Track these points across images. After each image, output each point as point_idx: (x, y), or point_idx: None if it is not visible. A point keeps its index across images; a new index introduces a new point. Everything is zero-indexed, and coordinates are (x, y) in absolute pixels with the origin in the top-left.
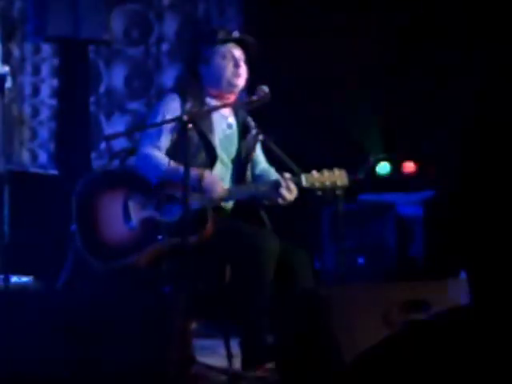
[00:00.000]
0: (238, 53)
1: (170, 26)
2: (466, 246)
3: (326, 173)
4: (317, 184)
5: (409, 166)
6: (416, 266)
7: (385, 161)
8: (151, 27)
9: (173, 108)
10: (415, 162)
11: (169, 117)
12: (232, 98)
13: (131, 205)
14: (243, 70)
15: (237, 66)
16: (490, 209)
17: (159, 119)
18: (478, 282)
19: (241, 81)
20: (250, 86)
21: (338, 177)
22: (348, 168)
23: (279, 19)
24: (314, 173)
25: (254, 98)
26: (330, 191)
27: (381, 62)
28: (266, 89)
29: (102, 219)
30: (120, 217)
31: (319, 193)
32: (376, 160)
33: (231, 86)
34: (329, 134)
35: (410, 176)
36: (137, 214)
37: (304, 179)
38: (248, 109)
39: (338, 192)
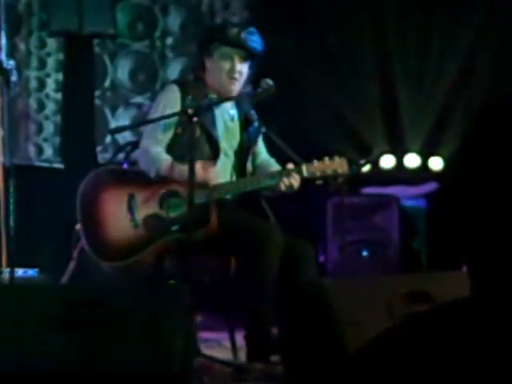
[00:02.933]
0: (238, 55)
1: (175, 19)
2: (466, 239)
3: (326, 161)
4: (318, 173)
5: (412, 159)
6: (419, 259)
7: (389, 154)
8: (156, 21)
9: (173, 100)
10: (420, 155)
11: (169, 109)
12: (237, 91)
13: (135, 202)
14: (238, 76)
15: (232, 70)
16: (491, 201)
17: (160, 112)
18: (479, 275)
19: (234, 86)
20: (255, 78)
21: (338, 165)
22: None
23: (284, 13)
24: (315, 162)
25: (259, 90)
26: (331, 179)
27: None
28: (270, 81)
29: (106, 218)
30: (124, 215)
31: (320, 182)
32: (380, 153)
33: (224, 89)
34: (333, 126)
35: (413, 169)
36: (141, 212)
37: (305, 169)
38: (253, 101)
39: (340, 180)
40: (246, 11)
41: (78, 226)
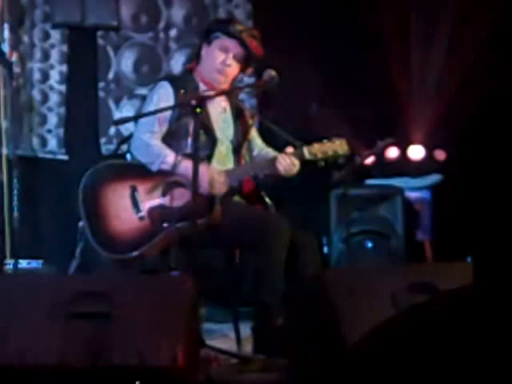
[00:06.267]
0: (235, 50)
1: (179, 12)
2: (472, 231)
3: (326, 143)
4: (319, 155)
5: (416, 151)
6: (423, 250)
7: (393, 145)
8: (160, 13)
9: (166, 95)
10: (424, 146)
11: (163, 104)
12: (226, 85)
13: (138, 194)
14: (229, 70)
15: (224, 63)
16: (496, 193)
17: (154, 106)
18: (483, 266)
19: (221, 78)
20: (258, 69)
21: (338, 146)
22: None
23: (288, 5)
24: (315, 144)
25: (261, 81)
26: (332, 161)
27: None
28: (272, 72)
29: (110, 213)
30: (128, 208)
31: (322, 163)
32: (384, 144)
33: (213, 79)
34: (336, 117)
35: (417, 161)
36: (145, 203)
37: (306, 151)
38: (255, 92)
39: (341, 161)
40: (249, 4)
41: (81, 223)
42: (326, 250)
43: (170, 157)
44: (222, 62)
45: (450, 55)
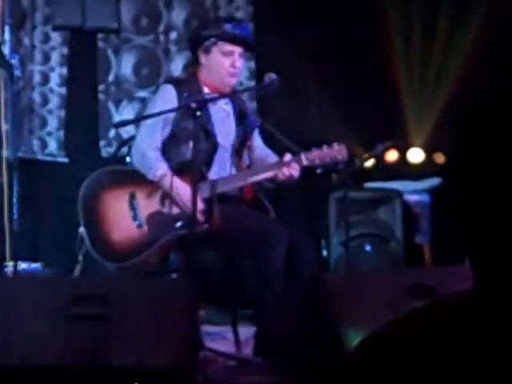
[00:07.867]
0: (238, 51)
1: (179, 14)
2: (468, 232)
3: (325, 149)
4: (317, 161)
5: (416, 154)
6: (422, 254)
7: (393, 148)
8: (160, 16)
9: (170, 99)
10: (423, 149)
11: (167, 108)
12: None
13: (136, 201)
14: (238, 71)
15: (233, 66)
16: (494, 195)
17: (156, 110)
18: (481, 268)
19: (234, 80)
20: (259, 72)
21: (337, 151)
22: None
23: (289, 7)
24: (314, 150)
25: (262, 84)
26: (331, 166)
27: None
28: (273, 75)
29: (109, 219)
30: (127, 215)
31: (320, 170)
32: (384, 147)
33: (223, 83)
34: (336, 121)
35: (417, 164)
36: (143, 211)
37: (304, 157)
38: (256, 95)
39: (340, 166)
40: (249, 6)
41: (81, 229)
42: (325, 253)
43: (160, 170)
44: (230, 65)
45: (449, 56)
